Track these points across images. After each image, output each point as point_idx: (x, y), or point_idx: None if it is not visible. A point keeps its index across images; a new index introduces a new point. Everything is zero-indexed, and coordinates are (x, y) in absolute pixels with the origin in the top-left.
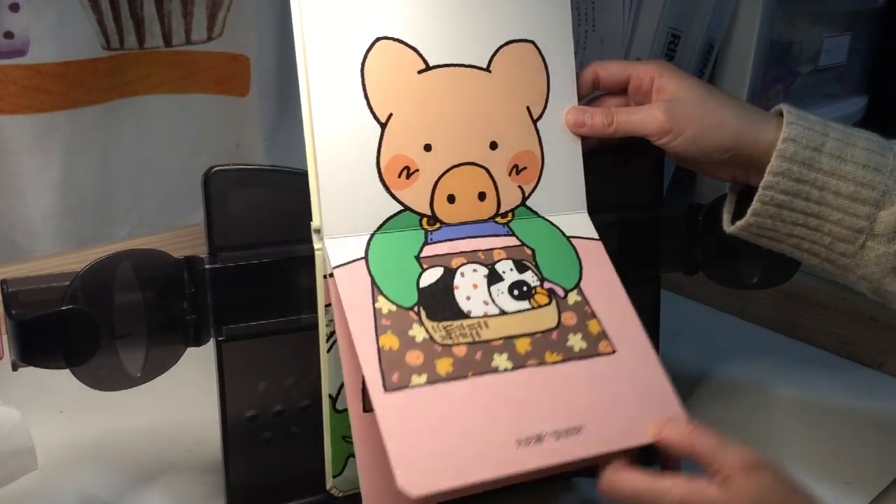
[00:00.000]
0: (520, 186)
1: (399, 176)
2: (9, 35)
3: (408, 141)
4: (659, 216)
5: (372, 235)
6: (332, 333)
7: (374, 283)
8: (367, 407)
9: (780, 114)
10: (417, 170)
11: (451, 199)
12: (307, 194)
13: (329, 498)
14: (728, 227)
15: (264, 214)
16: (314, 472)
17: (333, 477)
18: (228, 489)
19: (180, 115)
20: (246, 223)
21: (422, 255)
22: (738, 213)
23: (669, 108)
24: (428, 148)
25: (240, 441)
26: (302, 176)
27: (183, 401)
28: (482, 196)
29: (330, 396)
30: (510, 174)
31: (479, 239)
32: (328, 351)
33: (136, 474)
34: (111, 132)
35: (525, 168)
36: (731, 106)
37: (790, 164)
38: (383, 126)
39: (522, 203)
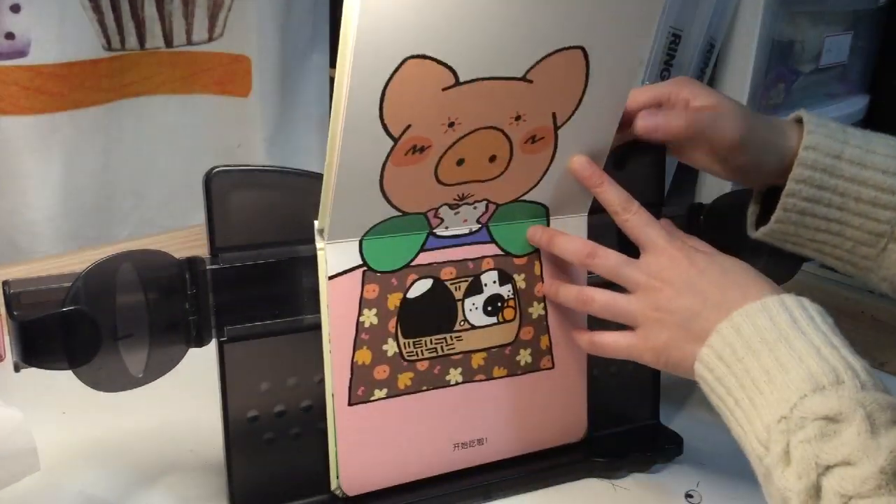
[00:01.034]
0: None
1: (406, 154)
2: (10, 36)
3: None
4: (660, 216)
5: (368, 231)
6: None
7: (364, 278)
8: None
9: (800, 120)
10: (430, 146)
11: (460, 162)
12: (309, 195)
13: (331, 498)
14: (752, 233)
15: (266, 215)
16: (316, 472)
17: (338, 477)
18: (230, 489)
19: (181, 116)
20: (247, 224)
21: (415, 262)
22: (762, 217)
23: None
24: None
25: (242, 441)
26: (303, 176)
27: (185, 401)
28: (492, 158)
29: (334, 396)
30: (525, 143)
31: (469, 247)
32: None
33: (139, 475)
34: (112, 133)
35: (542, 139)
36: (759, 124)
37: (811, 172)
38: (396, 140)
39: (519, 198)
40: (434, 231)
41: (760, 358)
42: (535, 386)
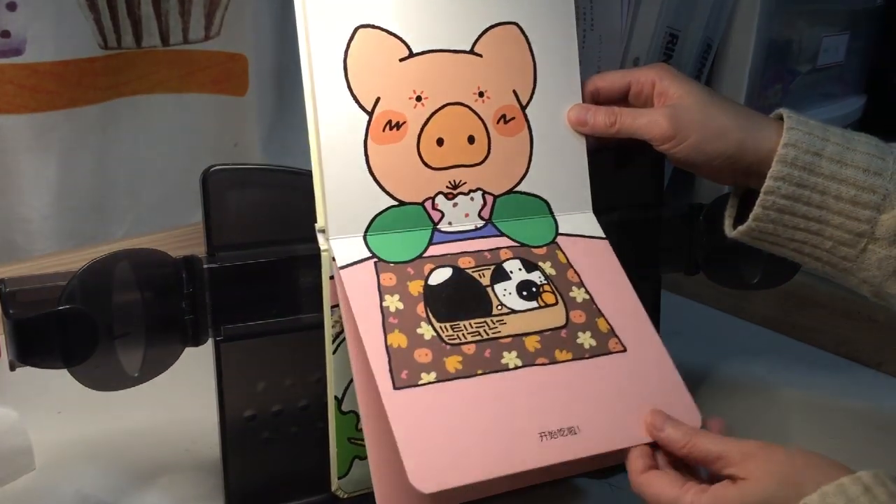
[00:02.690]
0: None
1: (384, 130)
2: (6, 34)
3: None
4: (659, 216)
5: (370, 225)
6: (338, 334)
7: (377, 268)
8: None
9: (781, 118)
10: (405, 122)
11: (440, 142)
12: (306, 193)
13: (329, 499)
14: (730, 232)
15: (263, 214)
16: (313, 472)
17: (339, 478)
18: (227, 489)
19: (178, 115)
20: (244, 223)
21: (427, 253)
22: (739, 218)
23: (673, 113)
24: (418, 99)
25: (238, 441)
26: (300, 175)
27: (181, 401)
28: (471, 140)
29: (336, 398)
30: (498, 122)
31: (481, 240)
32: (334, 352)
33: (135, 474)
34: (109, 132)
35: (513, 119)
36: (733, 112)
37: (791, 169)
38: (370, 114)
39: (514, 189)
40: (438, 227)
41: None
42: (617, 370)
